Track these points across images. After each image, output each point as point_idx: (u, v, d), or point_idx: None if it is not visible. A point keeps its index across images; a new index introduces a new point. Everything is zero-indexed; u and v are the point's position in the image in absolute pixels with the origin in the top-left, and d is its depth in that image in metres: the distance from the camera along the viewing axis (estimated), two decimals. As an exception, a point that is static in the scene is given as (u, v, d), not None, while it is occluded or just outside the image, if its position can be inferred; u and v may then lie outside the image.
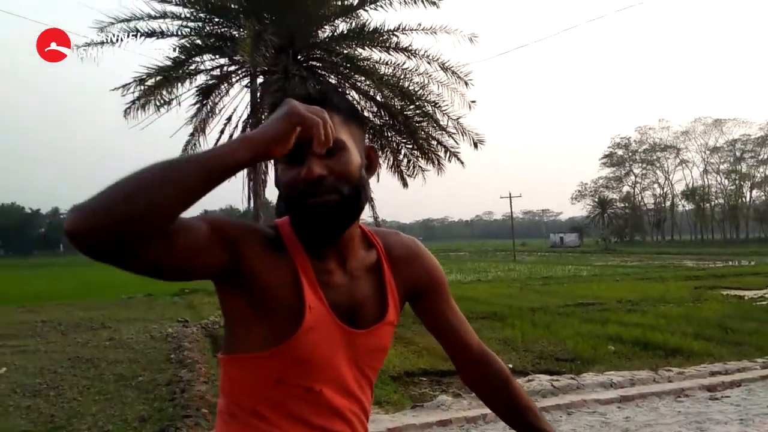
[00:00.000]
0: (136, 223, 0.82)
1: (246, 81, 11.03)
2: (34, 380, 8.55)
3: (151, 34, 9.81)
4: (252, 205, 12.13)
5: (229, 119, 11.63)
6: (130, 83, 9.66)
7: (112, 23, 9.34)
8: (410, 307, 1.31)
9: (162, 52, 9.83)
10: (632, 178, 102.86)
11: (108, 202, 0.82)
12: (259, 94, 10.91)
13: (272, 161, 1.11)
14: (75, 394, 7.77)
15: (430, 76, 10.36)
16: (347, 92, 10.50)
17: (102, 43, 9.43)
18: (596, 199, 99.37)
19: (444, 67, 9.81)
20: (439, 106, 10.22)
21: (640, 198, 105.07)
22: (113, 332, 12.94)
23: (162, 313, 16.44)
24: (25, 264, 78.85)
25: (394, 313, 1.18)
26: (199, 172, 0.87)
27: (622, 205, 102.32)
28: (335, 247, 1.09)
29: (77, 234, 0.81)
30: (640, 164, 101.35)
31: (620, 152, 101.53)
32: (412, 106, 10.49)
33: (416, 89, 10.45)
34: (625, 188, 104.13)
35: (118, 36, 9.57)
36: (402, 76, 10.47)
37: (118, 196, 0.83)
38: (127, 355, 10.35)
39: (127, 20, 9.52)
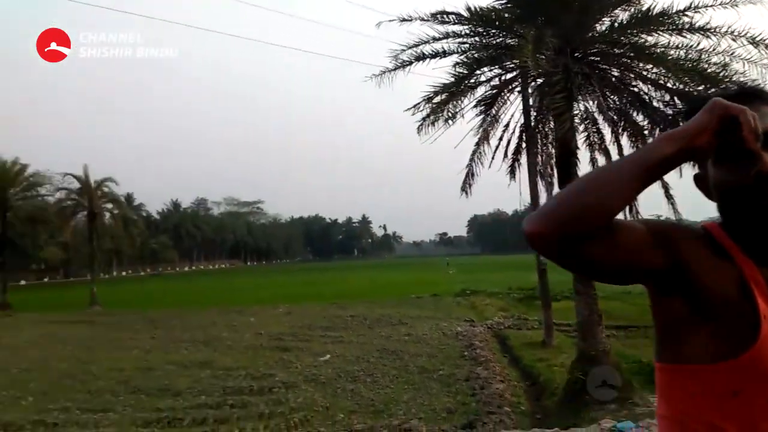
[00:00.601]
0: (583, 218, 0.91)
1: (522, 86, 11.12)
2: (353, 367, 9.91)
3: (434, 55, 10.53)
4: (522, 207, 12.06)
5: (507, 126, 11.84)
6: (419, 103, 10.48)
7: (403, 50, 10.29)
8: None
9: (441, 71, 10.47)
10: None
11: (558, 205, 0.95)
12: (532, 99, 10.89)
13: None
14: (387, 382, 8.80)
15: (732, 54, 9.04)
16: (633, 83, 9.81)
17: (395, 69, 10.48)
18: None
19: (754, 42, 8.47)
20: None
21: None
22: (410, 328, 14.28)
23: (448, 312, 17.55)
24: (328, 267, 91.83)
25: None
26: (632, 168, 0.94)
27: None
28: None
29: (534, 235, 0.93)
30: None
31: None
32: (713, 90, 9.25)
33: (717, 70, 9.19)
34: None
35: (407, 61, 10.53)
36: (698, 58, 9.33)
37: (568, 198, 0.95)
38: (425, 349, 11.32)
39: (416, 45, 10.38)
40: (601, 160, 10.50)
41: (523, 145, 11.71)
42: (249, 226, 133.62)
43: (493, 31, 10.61)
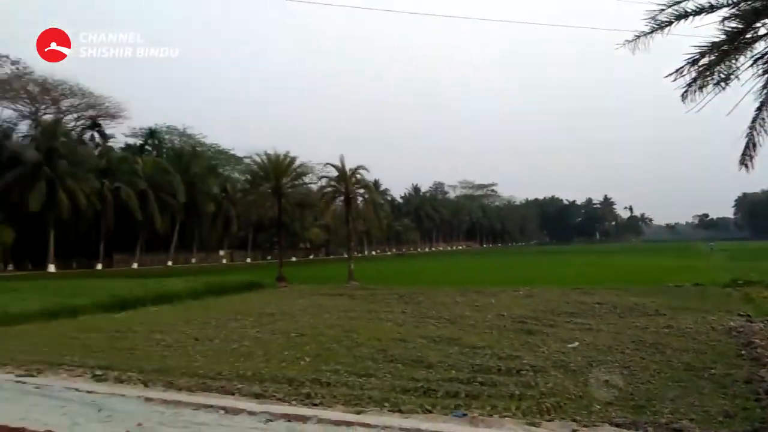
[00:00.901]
0: None
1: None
2: (605, 357, 9.28)
3: (699, 11, 9.32)
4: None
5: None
6: (682, 67, 9.40)
7: (662, 10, 9.30)
8: None
9: (700, 29, 9.21)
10: None
11: None
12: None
13: None
14: (647, 377, 8.04)
15: None
16: None
17: (651, 31, 9.52)
18: None
19: None
20: None
21: None
22: (669, 320, 12.90)
23: (717, 305, 15.46)
24: (565, 250, 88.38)
25: None
26: None
27: None
28: None
29: None
30: None
31: None
32: None
33: None
34: None
35: (665, 22, 9.49)
36: None
37: None
38: (691, 344, 10.10)
39: (677, 3, 9.31)
40: None
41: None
42: (483, 208, 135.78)
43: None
